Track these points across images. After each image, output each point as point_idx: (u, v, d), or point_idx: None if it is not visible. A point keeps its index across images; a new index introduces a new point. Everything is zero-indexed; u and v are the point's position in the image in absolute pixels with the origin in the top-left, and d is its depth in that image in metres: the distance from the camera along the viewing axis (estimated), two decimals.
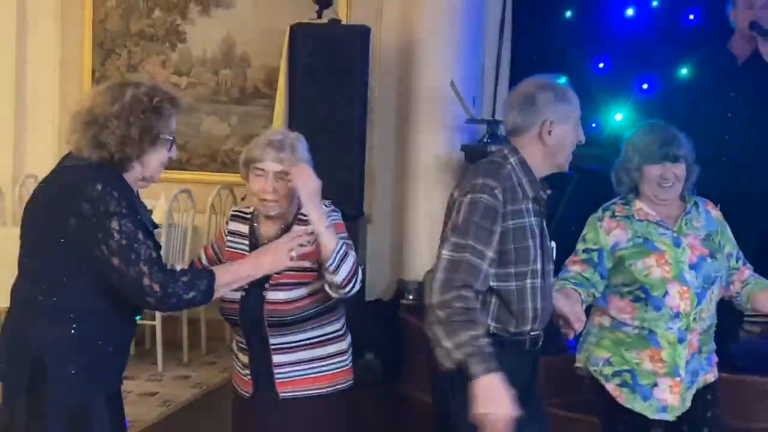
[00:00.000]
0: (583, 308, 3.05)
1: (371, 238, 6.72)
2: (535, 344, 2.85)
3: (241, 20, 7.33)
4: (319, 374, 3.01)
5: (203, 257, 3.16)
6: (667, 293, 3.09)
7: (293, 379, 2.98)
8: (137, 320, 2.82)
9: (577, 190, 5.30)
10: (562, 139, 2.82)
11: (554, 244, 3.20)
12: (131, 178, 2.63)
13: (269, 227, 3.04)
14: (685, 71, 5.46)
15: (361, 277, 2.92)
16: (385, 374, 6.07)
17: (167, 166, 2.75)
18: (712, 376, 3.28)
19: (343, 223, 3.05)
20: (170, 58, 7.45)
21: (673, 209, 3.24)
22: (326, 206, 2.99)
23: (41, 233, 2.60)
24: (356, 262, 2.89)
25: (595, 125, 6.30)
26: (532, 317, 2.77)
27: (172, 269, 2.62)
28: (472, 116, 6.27)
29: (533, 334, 2.82)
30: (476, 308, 2.62)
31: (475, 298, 2.61)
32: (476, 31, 6.60)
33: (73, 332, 2.54)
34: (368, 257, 6.55)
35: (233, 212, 3.18)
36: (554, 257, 3.01)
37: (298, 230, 2.89)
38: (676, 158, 3.18)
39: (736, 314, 3.97)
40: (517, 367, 2.69)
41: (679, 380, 3.11)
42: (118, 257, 2.48)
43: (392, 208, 6.94)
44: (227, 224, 3.15)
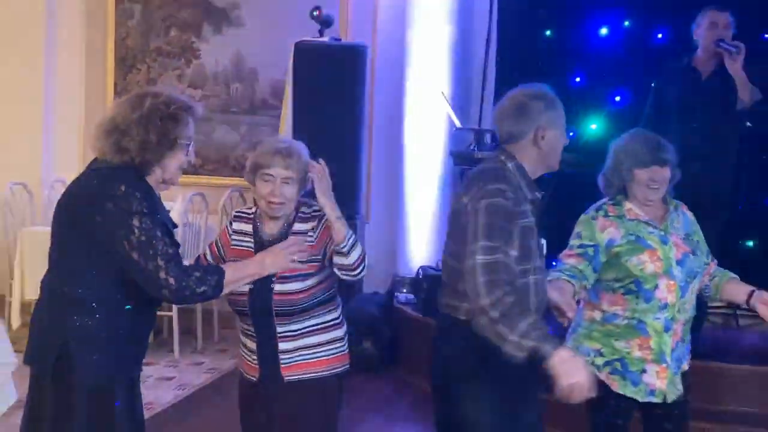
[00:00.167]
0: (575, 299, 3.03)
1: (368, 236, 6.70)
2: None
3: (250, 38, 7.33)
4: (319, 359, 2.98)
5: (208, 254, 3.13)
6: (657, 286, 3.08)
7: (297, 363, 2.95)
8: (155, 312, 2.80)
9: (556, 192, 5.28)
10: (553, 143, 2.81)
11: (544, 241, 3.20)
12: (153, 181, 2.62)
13: (272, 226, 3.01)
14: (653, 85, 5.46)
15: (367, 263, 2.93)
16: (381, 360, 6.06)
17: (183, 171, 2.72)
18: (687, 364, 3.26)
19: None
20: (185, 72, 7.45)
21: (657, 210, 3.22)
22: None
23: (70, 230, 2.58)
24: (363, 248, 2.90)
25: (572, 133, 6.27)
26: (534, 310, 2.74)
27: (186, 265, 2.61)
28: (459, 125, 6.26)
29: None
30: (522, 299, 2.60)
31: (515, 291, 2.59)
32: (464, 47, 6.60)
33: (97, 322, 2.53)
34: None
35: (236, 213, 3.14)
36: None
37: (295, 239, 2.88)
38: (664, 162, 3.16)
39: (701, 307, 3.96)
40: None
41: (665, 366, 3.10)
42: (137, 252, 2.46)
43: (387, 208, 6.93)
44: (230, 225, 3.11)
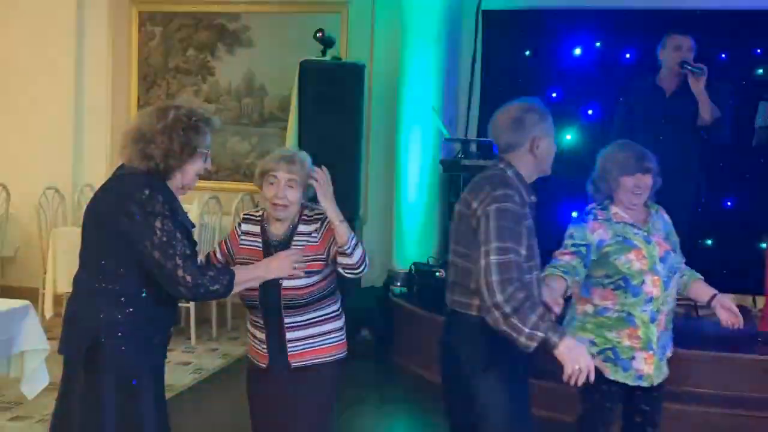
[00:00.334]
0: (567, 291, 3.03)
1: (365, 235, 6.71)
2: None
3: (259, 57, 7.35)
4: (322, 347, 2.97)
5: (218, 252, 3.10)
6: (643, 282, 3.08)
7: (302, 351, 2.95)
8: (177, 305, 2.77)
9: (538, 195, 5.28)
10: (547, 150, 2.80)
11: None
12: (173, 186, 2.59)
13: (279, 228, 2.99)
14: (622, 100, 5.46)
15: (368, 261, 2.92)
16: (378, 347, 6.06)
17: (200, 177, 2.70)
18: (670, 351, 3.27)
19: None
20: (201, 88, 7.47)
21: (640, 214, 3.22)
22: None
23: (98, 231, 2.56)
24: (364, 248, 2.89)
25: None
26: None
27: (202, 265, 2.59)
28: (448, 135, 6.26)
29: None
30: (531, 293, 2.59)
31: (524, 286, 2.57)
32: (452, 65, 6.60)
33: (124, 315, 2.50)
34: None
35: (245, 216, 3.11)
36: None
37: (296, 249, 2.86)
38: (647, 170, 3.16)
39: None
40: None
41: (652, 353, 3.11)
42: (158, 251, 2.44)
43: (383, 210, 6.93)
44: (239, 226, 3.07)
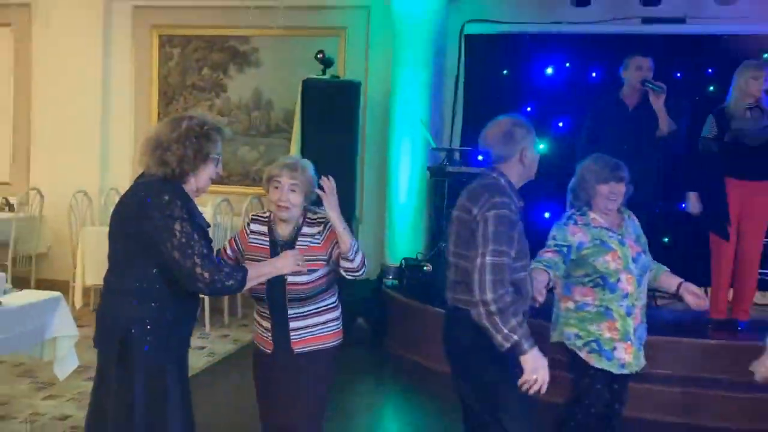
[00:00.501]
0: (549, 283, 3.05)
1: (361, 233, 6.72)
2: (528, 315, 2.84)
3: (267, 76, 7.36)
4: (321, 335, 2.98)
5: (228, 248, 3.08)
6: (619, 280, 3.10)
7: (304, 338, 2.95)
8: (199, 299, 2.74)
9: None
10: (533, 159, 2.80)
11: None
12: (188, 189, 2.57)
13: (284, 228, 2.98)
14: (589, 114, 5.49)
15: (366, 264, 2.92)
16: (372, 335, 6.08)
17: (213, 181, 2.68)
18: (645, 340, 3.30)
19: None
20: (215, 103, 7.47)
21: (615, 218, 3.23)
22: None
23: (123, 233, 2.53)
24: (363, 253, 2.89)
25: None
26: (528, 297, 2.77)
27: (218, 263, 2.56)
28: (434, 145, 6.29)
29: (527, 308, 2.81)
30: (515, 300, 2.59)
31: (511, 292, 2.58)
32: (438, 83, 6.61)
33: (151, 309, 2.48)
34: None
35: (253, 216, 3.08)
36: None
37: (300, 249, 2.85)
38: (621, 179, 3.17)
39: None
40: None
41: (630, 344, 3.13)
42: (178, 251, 2.42)
43: (376, 211, 6.94)
44: (248, 226, 3.05)
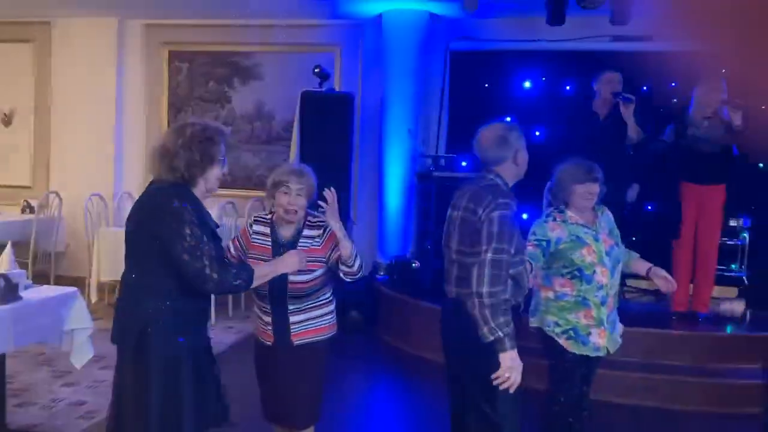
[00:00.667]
0: (531, 272, 3.03)
1: (355, 233, 6.69)
2: (522, 307, 2.84)
3: (268, 88, 7.33)
4: (318, 327, 2.95)
5: (231, 247, 3.03)
6: (594, 272, 3.09)
7: (303, 331, 2.91)
8: (210, 296, 2.66)
9: None
10: (524, 160, 2.79)
11: None
12: (199, 191, 2.51)
13: (287, 230, 2.94)
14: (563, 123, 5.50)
15: (363, 268, 2.90)
16: (365, 326, 6.05)
17: (220, 185, 2.62)
18: (620, 326, 3.27)
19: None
20: (220, 114, 7.42)
21: (590, 216, 3.21)
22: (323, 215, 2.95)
23: (138, 236, 2.48)
24: (361, 258, 2.87)
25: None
26: (526, 287, 2.75)
27: (226, 264, 2.52)
28: (422, 152, 6.28)
29: (524, 297, 2.80)
30: (508, 299, 2.57)
31: (506, 290, 2.55)
32: (426, 95, 6.63)
33: (166, 305, 2.43)
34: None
35: (256, 217, 3.02)
36: None
37: (302, 249, 2.82)
38: (595, 180, 3.16)
39: None
40: (516, 322, 2.66)
41: (603, 329, 3.11)
42: (188, 254, 2.37)
43: (369, 213, 6.92)
44: (251, 226, 3.00)
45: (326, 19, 6.91)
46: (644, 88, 6.16)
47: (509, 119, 6.83)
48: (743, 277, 5.70)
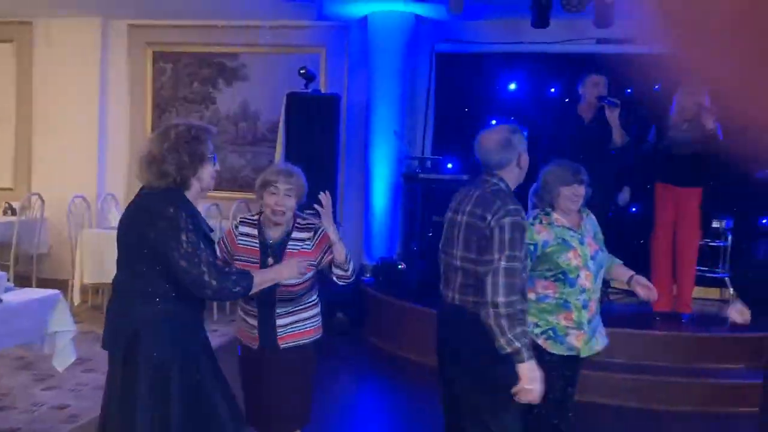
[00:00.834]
0: None
1: (342, 235, 6.64)
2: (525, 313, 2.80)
3: (253, 89, 7.30)
4: (303, 330, 2.92)
5: (216, 250, 2.91)
6: (578, 276, 3.06)
7: (289, 334, 2.88)
8: (205, 301, 2.59)
9: None
10: (527, 164, 2.75)
11: None
12: (193, 194, 2.44)
13: (275, 232, 2.90)
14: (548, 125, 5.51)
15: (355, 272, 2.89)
16: (351, 327, 6.04)
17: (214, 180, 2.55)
18: (604, 330, 3.23)
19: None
20: (205, 114, 7.38)
21: (575, 218, 3.19)
22: (312, 217, 2.93)
23: (131, 242, 2.43)
24: (354, 262, 2.85)
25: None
26: (525, 295, 2.71)
27: (224, 270, 2.47)
28: (408, 154, 6.28)
29: (525, 306, 2.74)
30: (524, 309, 2.52)
31: (523, 300, 2.50)
32: (411, 96, 6.63)
33: (158, 310, 2.39)
34: None
35: (242, 219, 2.97)
36: None
37: (300, 259, 2.76)
38: (581, 182, 3.14)
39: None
40: None
41: (583, 333, 3.09)
42: (185, 261, 2.33)
43: (355, 214, 6.90)
44: (236, 228, 2.96)
45: (312, 20, 6.89)
46: (628, 90, 6.20)
47: (494, 122, 6.89)
48: (726, 278, 5.75)
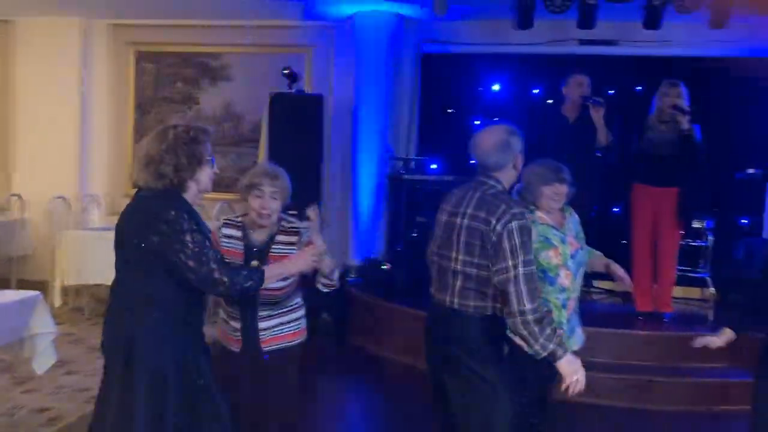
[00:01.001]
0: None
1: (326, 236, 6.58)
2: None
3: (237, 89, 7.27)
4: (287, 333, 2.89)
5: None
6: (558, 274, 3.06)
7: (273, 337, 2.85)
8: (204, 304, 2.58)
9: None
10: (521, 163, 2.72)
11: None
12: (191, 195, 2.41)
13: (260, 234, 2.88)
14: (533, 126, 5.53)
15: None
16: (336, 328, 6.02)
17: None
18: (581, 329, 3.24)
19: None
20: (187, 114, 7.33)
21: (558, 217, 3.19)
22: (296, 219, 2.91)
23: (130, 246, 2.37)
24: (339, 271, 2.84)
25: (473, 161, 6.32)
26: None
27: (234, 265, 2.42)
28: (393, 155, 6.29)
29: None
30: (549, 309, 2.50)
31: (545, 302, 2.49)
32: (397, 97, 6.62)
33: (156, 315, 2.36)
34: None
35: (225, 221, 2.94)
36: None
37: (311, 248, 2.70)
38: (563, 181, 3.14)
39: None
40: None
41: (561, 331, 3.02)
42: (193, 260, 2.29)
43: (340, 215, 6.88)
44: (220, 230, 2.92)
45: (297, 20, 6.87)
46: (610, 92, 6.24)
47: (478, 122, 6.91)
48: (707, 278, 5.80)
